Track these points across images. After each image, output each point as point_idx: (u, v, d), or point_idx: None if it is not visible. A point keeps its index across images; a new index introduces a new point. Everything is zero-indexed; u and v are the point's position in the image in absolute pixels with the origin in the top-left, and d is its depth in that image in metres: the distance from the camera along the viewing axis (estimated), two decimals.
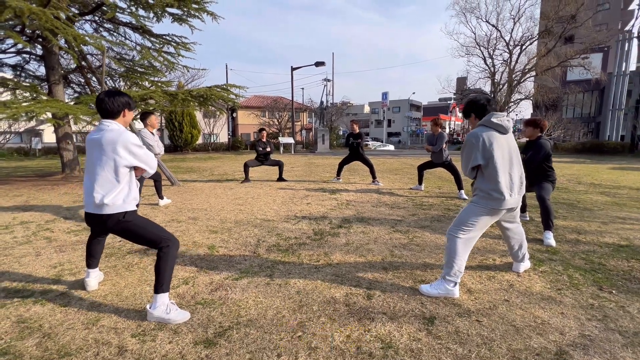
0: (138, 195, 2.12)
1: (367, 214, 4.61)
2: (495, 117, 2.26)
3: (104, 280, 2.59)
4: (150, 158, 2.11)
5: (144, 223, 2.07)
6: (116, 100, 2.03)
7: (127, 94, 2.13)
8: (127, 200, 2.01)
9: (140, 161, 2.04)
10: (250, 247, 3.35)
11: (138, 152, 2.02)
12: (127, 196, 2.01)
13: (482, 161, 2.26)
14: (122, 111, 2.06)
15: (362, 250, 3.23)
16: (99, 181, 1.96)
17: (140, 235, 2.04)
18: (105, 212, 1.96)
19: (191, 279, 2.60)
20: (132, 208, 2.04)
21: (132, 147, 1.99)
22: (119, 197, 1.97)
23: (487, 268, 2.81)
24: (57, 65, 8.00)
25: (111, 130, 1.98)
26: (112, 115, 2.04)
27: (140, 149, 2.03)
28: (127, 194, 2.01)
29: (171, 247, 2.07)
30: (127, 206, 2.00)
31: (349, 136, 7.31)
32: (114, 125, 2.02)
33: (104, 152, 1.95)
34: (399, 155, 18.42)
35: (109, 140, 1.95)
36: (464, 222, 2.34)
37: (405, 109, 57.25)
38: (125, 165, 1.98)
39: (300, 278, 2.62)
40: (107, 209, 1.95)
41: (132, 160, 2.00)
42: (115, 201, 1.95)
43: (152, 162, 2.12)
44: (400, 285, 2.49)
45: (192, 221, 4.28)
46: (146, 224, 2.08)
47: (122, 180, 1.99)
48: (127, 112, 2.10)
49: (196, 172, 9.90)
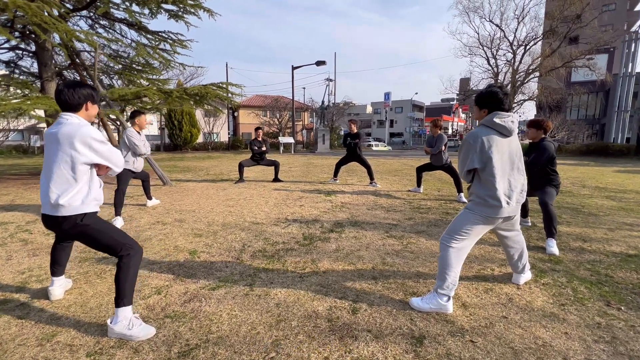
0: (101, 196, 1.94)
1: (362, 218, 4.42)
2: (498, 117, 2.05)
3: (72, 288, 2.42)
4: (115, 155, 1.92)
5: (105, 227, 1.89)
6: (76, 92, 1.85)
7: (90, 85, 1.95)
8: (86, 201, 1.83)
9: (102, 158, 1.85)
10: (234, 252, 3.16)
11: (99, 148, 1.83)
12: (86, 197, 1.83)
13: (478, 164, 2.07)
14: (83, 104, 1.88)
15: (352, 258, 3.04)
16: (55, 180, 1.78)
17: (99, 241, 1.86)
18: (61, 213, 1.78)
19: (165, 288, 2.42)
20: (92, 210, 1.86)
21: (92, 142, 1.80)
22: (76, 197, 1.79)
23: (484, 279, 2.61)
24: (50, 61, 7.86)
25: (69, 124, 1.81)
26: (72, 108, 1.86)
27: (102, 144, 1.84)
28: (87, 194, 1.83)
29: (133, 255, 1.89)
30: (85, 208, 1.82)
31: (347, 136, 7.12)
32: (74, 119, 1.84)
33: (60, 148, 1.77)
34: (399, 156, 18.20)
35: (66, 134, 1.77)
36: (457, 230, 2.15)
37: (408, 110, 56.96)
38: (83, 162, 1.79)
39: (283, 288, 2.44)
40: (62, 210, 1.77)
41: (92, 157, 1.81)
42: (72, 202, 1.78)
43: (116, 159, 1.93)
44: (389, 298, 2.30)
45: (177, 223, 4.10)
46: (107, 228, 1.90)
47: (81, 178, 1.81)
48: (89, 105, 1.92)
49: (192, 172, 9.74)
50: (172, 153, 19.66)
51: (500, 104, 2.08)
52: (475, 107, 2.22)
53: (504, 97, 2.08)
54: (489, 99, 2.11)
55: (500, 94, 2.08)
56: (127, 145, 4.14)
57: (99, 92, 1.99)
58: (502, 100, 2.08)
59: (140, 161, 4.33)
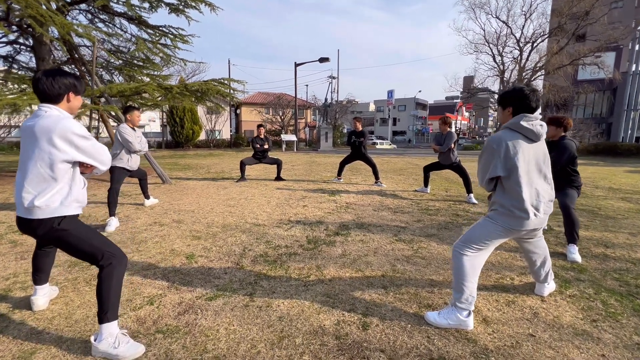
0: (84, 198, 1.74)
1: (368, 219, 4.22)
2: (526, 120, 1.84)
3: (58, 296, 2.23)
4: (101, 152, 1.72)
5: (85, 233, 1.70)
6: (56, 81, 1.64)
7: (73, 74, 1.74)
8: (66, 202, 1.63)
9: (85, 155, 1.65)
10: (234, 257, 2.97)
11: (82, 144, 1.63)
12: (66, 197, 1.63)
13: (502, 172, 1.86)
14: (64, 95, 1.68)
15: (360, 264, 2.84)
16: (31, 179, 1.59)
17: (78, 248, 1.67)
18: (36, 216, 1.59)
19: (158, 297, 2.23)
20: (72, 212, 1.67)
21: (74, 138, 1.60)
22: (54, 198, 1.60)
23: (504, 289, 2.41)
24: (48, 56, 7.67)
25: (48, 117, 1.61)
26: (51, 99, 1.66)
27: (84, 140, 1.64)
28: (67, 195, 1.64)
29: (115, 265, 1.70)
30: (64, 210, 1.63)
31: (351, 134, 6.91)
32: (53, 111, 1.64)
33: (37, 144, 1.58)
34: (403, 155, 17.96)
35: (44, 128, 1.57)
36: (474, 240, 1.95)
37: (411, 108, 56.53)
38: (64, 159, 1.60)
39: (286, 298, 2.24)
40: (38, 212, 1.58)
41: (73, 154, 1.62)
42: (49, 203, 1.58)
43: (102, 157, 1.73)
44: (402, 311, 2.10)
45: (175, 224, 3.92)
46: (87, 234, 1.70)
47: (61, 178, 1.61)
48: (71, 96, 1.71)
49: (192, 170, 9.56)
50: (173, 150, 19.51)
51: (527, 104, 1.87)
52: (499, 107, 2.01)
53: (531, 95, 1.87)
54: (514, 97, 1.90)
55: (527, 91, 1.87)
56: (120, 142, 3.95)
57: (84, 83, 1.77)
58: (529, 98, 1.86)
59: (136, 159, 4.14)
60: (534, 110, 1.87)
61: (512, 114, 1.92)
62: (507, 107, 1.94)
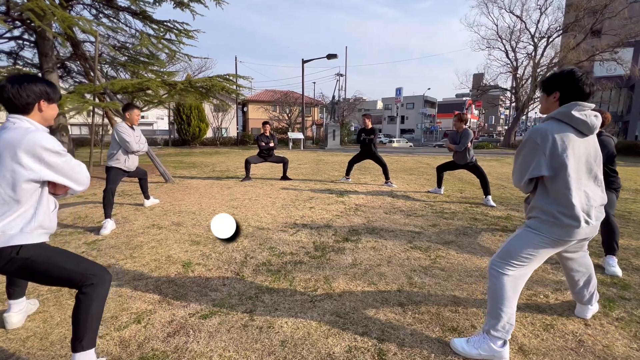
0: (50, 223, 1.48)
1: (379, 223, 3.93)
2: (578, 109, 1.53)
3: (38, 311, 2.01)
4: (77, 170, 1.47)
5: (53, 257, 1.44)
6: (24, 89, 1.41)
7: (45, 80, 1.50)
8: (27, 229, 1.38)
9: (58, 174, 1.41)
10: (234, 265, 2.72)
11: (53, 161, 1.39)
12: (27, 224, 1.38)
13: (547, 171, 1.55)
14: (33, 104, 1.44)
15: (372, 275, 2.57)
16: None
17: (50, 276, 1.42)
18: None
19: (147, 314, 1.99)
20: (34, 241, 1.40)
21: (43, 153, 1.36)
22: (14, 224, 1.35)
23: (539, 309, 2.11)
24: (51, 52, 7.53)
25: (15, 129, 1.38)
26: (19, 109, 1.43)
27: (57, 156, 1.40)
28: (29, 221, 1.38)
29: (97, 284, 1.45)
30: (24, 238, 1.37)
31: (361, 132, 6.61)
32: (23, 123, 1.41)
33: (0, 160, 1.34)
34: (413, 153, 17.56)
35: (8, 142, 1.33)
36: (514, 255, 1.65)
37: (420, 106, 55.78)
38: (29, 179, 1.35)
39: (290, 317, 1.98)
40: None
41: (42, 173, 1.37)
42: (6, 229, 1.33)
43: (78, 175, 1.48)
44: (423, 336, 1.82)
45: (174, 227, 3.69)
46: (56, 257, 1.44)
47: (25, 200, 1.36)
48: (44, 104, 1.48)
49: (197, 168, 9.38)
50: (180, 148, 19.44)
51: (579, 88, 1.54)
52: (542, 94, 1.69)
53: (584, 78, 1.54)
54: (562, 80, 1.58)
55: (580, 73, 1.55)
56: (117, 142, 3.73)
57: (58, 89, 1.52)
58: (581, 81, 1.54)
59: (134, 159, 3.92)
60: (587, 97, 1.55)
61: (558, 101, 1.60)
62: (552, 92, 1.61)
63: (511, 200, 5.31)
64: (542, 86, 1.70)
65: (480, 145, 23.14)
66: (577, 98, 1.56)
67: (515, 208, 4.78)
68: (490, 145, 23.52)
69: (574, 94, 1.56)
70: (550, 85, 1.63)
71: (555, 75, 1.63)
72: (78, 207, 4.55)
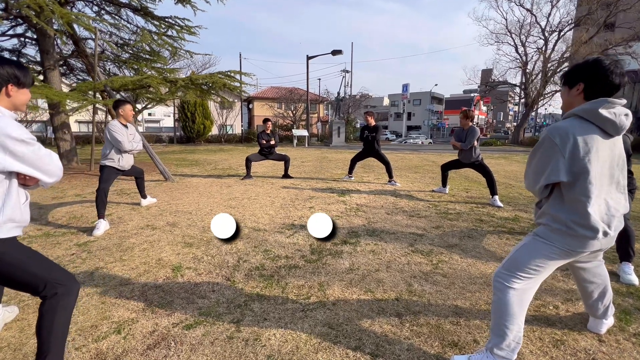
0: (22, 216, 1.39)
1: (380, 225, 3.79)
2: (606, 106, 1.33)
3: (16, 319, 1.92)
4: (46, 160, 1.37)
5: (22, 258, 1.35)
6: None
7: (15, 62, 1.39)
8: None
9: (25, 164, 1.31)
10: (226, 269, 2.61)
11: (19, 150, 1.29)
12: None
13: (566, 177, 1.37)
14: (1, 88, 1.34)
15: (370, 281, 2.43)
16: None
17: (12, 278, 1.33)
18: None
19: (128, 323, 1.89)
20: (6, 235, 1.32)
21: (8, 142, 1.26)
22: None
23: (547, 322, 1.95)
24: (52, 49, 7.51)
25: None
26: None
27: (24, 145, 1.30)
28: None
29: (62, 295, 1.35)
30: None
31: (364, 129, 6.46)
32: None
33: None
34: (418, 151, 17.30)
35: None
36: (521, 266, 1.50)
37: (427, 102, 55.09)
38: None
39: (279, 328, 1.86)
40: None
41: (7, 163, 1.27)
42: None
43: (47, 166, 1.38)
44: (421, 351, 1.68)
45: (169, 228, 3.60)
46: (26, 259, 1.36)
47: None
48: (11, 89, 1.37)
49: (199, 166, 9.31)
50: (185, 145, 19.47)
51: (607, 80, 1.35)
52: (564, 87, 1.52)
53: (613, 67, 1.35)
54: (587, 70, 1.39)
55: (607, 62, 1.36)
56: (109, 141, 3.63)
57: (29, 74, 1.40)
58: (610, 71, 1.34)
59: (128, 158, 3.82)
60: (616, 89, 1.36)
61: (582, 94, 1.42)
62: (575, 84, 1.43)
63: (519, 200, 5.11)
64: (563, 78, 1.52)
65: (488, 142, 22.73)
66: (604, 90, 1.37)
67: (523, 209, 4.59)
68: (498, 142, 23.08)
69: (601, 86, 1.37)
70: (573, 76, 1.45)
71: (579, 65, 1.45)
72: (75, 207, 4.50)
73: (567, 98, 1.49)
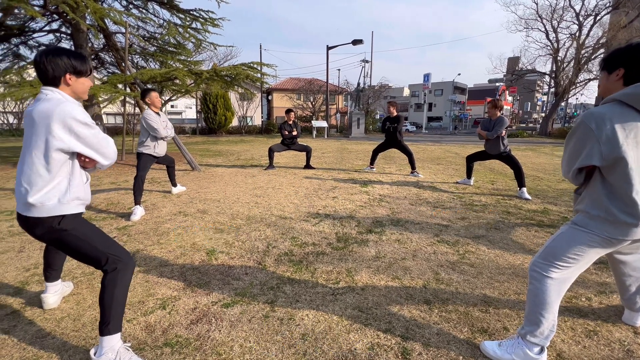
0: (86, 195, 1.54)
1: (404, 215, 3.80)
2: None
3: (72, 293, 2.11)
4: (104, 144, 1.49)
5: (87, 234, 1.49)
6: (50, 62, 1.42)
7: (74, 53, 1.50)
8: (64, 200, 1.43)
9: (86, 146, 1.43)
10: (257, 254, 2.73)
11: (82, 132, 1.41)
12: (64, 195, 1.43)
13: (599, 161, 1.36)
14: (60, 77, 1.45)
15: (397, 269, 2.48)
16: (25, 171, 1.40)
17: (78, 251, 1.48)
18: (32, 214, 1.40)
19: (172, 300, 2.04)
20: (73, 211, 1.46)
21: (73, 124, 1.38)
22: (50, 195, 1.40)
23: (580, 313, 1.94)
24: (85, 43, 7.84)
25: (48, 100, 1.40)
26: (50, 81, 1.45)
27: (86, 127, 1.42)
28: (65, 192, 1.43)
29: (120, 270, 1.48)
30: (63, 208, 1.43)
31: (385, 120, 6.41)
32: (55, 94, 1.43)
33: (34, 131, 1.38)
34: (440, 142, 16.94)
35: (42, 113, 1.37)
36: (559, 255, 1.50)
37: (449, 92, 53.47)
38: (59, 148, 1.38)
39: (311, 309, 1.95)
40: (34, 210, 1.39)
41: (70, 143, 1.40)
42: (44, 201, 1.39)
43: (105, 149, 1.50)
44: (451, 336, 1.73)
45: (199, 215, 3.77)
46: (90, 235, 1.50)
47: (56, 171, 1.40)
48: (71, 78, 1.48)
49: (223, 156, 9.55)
50: (207, 136, 19.92)
51: None
52: (603, 73, 1.49)
53: None
54: (629, 54, 1.36)
55: None
56: (146, 129, 3.81)
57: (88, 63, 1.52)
58: None
59: (163, 145, 4.01)
60: None
61: (622, 80, 1.39)
62: (615, 69, 1.40)
63: (548, 193, 4.97)
64: (603, 63, 1.49)
65: (514, 134, 21.90)
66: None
67: (552, 202, 4.47)
68: (524, 133, 22.19)
69: None
70: (613, 61, 1.42)
71: (619, 50, 1.42)
72: (111, 194, 4.77)
73: (606, 84, 1.45)
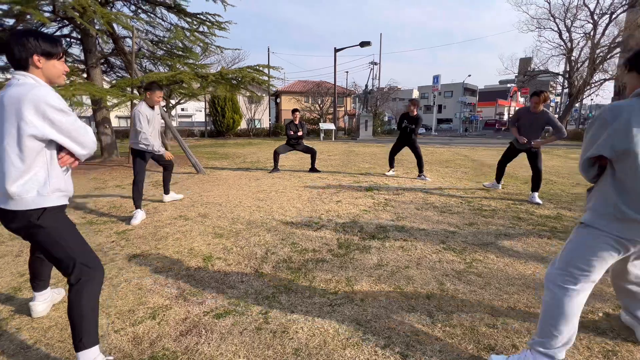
0: (67, 186, 1.45)
1: (409, 220, 3.68)
2: None
3: (62, 300, 2.06)
4: (81, 131, 1.39)
5: (65, 236, 1.43)
6: (16, 43, 1.32)
7: (43, 34, 1.39)
8: (44, 191, 1.35)
9: (61, 133, 1.34)
10: (254, 261, 2.65)
11: (58, 119, 1.32)
12: (43, 186, 1.35)
13: (610, 153, 1.29)
14: (27, 59, 1.34)
15: (399, 278, 2.36)
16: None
17: (51, 252, 1.41)
18: (9, 207, 1.33)
19: (162, 310, 1.97)
20: (54, 203, 1.39)
21: (47, 110, 1.29)
22: (28, 187, 1.32)
23: (596, 331, 1.79)
24: (94, 48, 7.95)
25: (20, 85, 1.32)
26: (18, 63, 1.35)
27: (62, 114, 1.33)
28: (44, 183, 1.35)
29: (85, 282, 1.41)
30: (43, 201, 1.35)
31: (403, 117, 6.18)
32: (27, 79, 1.35)
33: (5, 117, 1.29)
34: (449, 145, 16.66)
35: (13, 97, 1.28)
36: (576, 263, 1.39)
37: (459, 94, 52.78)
38: (32, 134, 1.29)
39: (306, 322, 1.86)
40: (10, 203, 1.33)
41: (46, 130, 1.31)
42: (21, 192, 1.31)
43: (83, 138, 1.40)
44: (456, 350, 1.61)
45: (200, 219, 3.71)
46: (68, 237, 1.43)
47: (31, 160, 1.32)
48: (39, 60, 1.36)
49: (229, 159, 9.55)
50: (215, 139, 20.05)
51: None
52: (628, 73, 1.39)
53: None
54: None
55: None
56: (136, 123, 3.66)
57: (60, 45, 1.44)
58: None
59: (156, 138, 3.79)
60: None
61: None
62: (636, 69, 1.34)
63: (561, 198, 4.77)
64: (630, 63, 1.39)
65: None
66: None
67: (566, 206, 4.28)
68: None
69: None
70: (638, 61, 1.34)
71: None
72: (115, 198, 4.76)
73: (632, 80, 1.36)
